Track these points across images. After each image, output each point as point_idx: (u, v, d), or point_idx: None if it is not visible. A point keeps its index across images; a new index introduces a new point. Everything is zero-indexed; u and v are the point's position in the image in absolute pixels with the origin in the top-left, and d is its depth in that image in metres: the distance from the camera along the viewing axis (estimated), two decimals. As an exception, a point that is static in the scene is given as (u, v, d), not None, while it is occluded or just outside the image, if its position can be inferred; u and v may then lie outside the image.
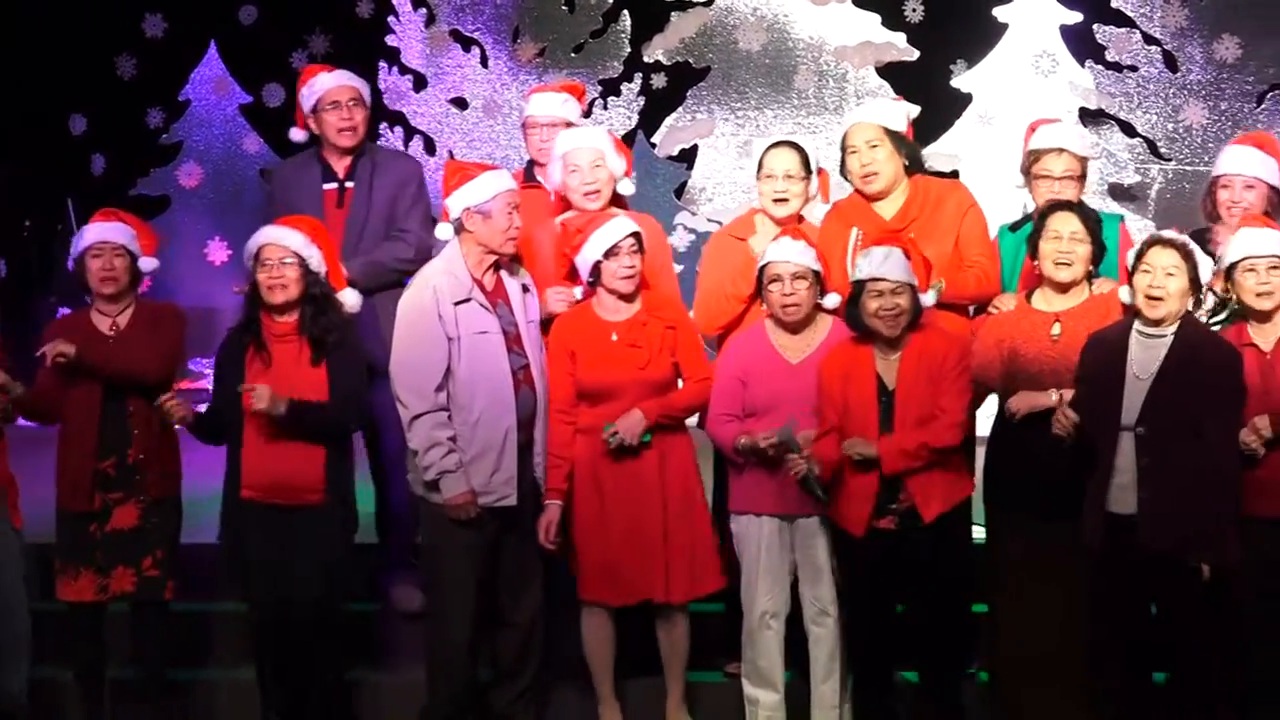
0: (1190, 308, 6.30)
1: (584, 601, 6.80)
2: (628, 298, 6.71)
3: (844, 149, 6.96)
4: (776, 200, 6.93)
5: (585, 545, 6.72)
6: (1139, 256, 6.29)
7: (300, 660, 6.71)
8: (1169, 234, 6.39)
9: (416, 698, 6.84)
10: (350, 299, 6.81)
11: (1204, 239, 6.79)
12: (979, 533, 6.83)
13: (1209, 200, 7.06)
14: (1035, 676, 6.49)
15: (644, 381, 6.66)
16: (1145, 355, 6.26)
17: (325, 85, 7.51)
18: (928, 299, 6.54)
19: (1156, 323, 6.25)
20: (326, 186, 7.53)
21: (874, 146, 6.89)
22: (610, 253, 6.62)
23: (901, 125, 6.98)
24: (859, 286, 6.47)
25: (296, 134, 7.71)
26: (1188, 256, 6.26)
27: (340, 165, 7.55)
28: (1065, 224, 6.53)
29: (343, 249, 7.09)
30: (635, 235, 6.66)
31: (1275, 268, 6.39)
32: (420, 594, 7.14)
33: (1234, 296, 6.48)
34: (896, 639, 6.64)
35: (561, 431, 6.69)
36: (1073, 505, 6.31)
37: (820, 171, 7.05)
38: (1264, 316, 6.42)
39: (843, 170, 6.99)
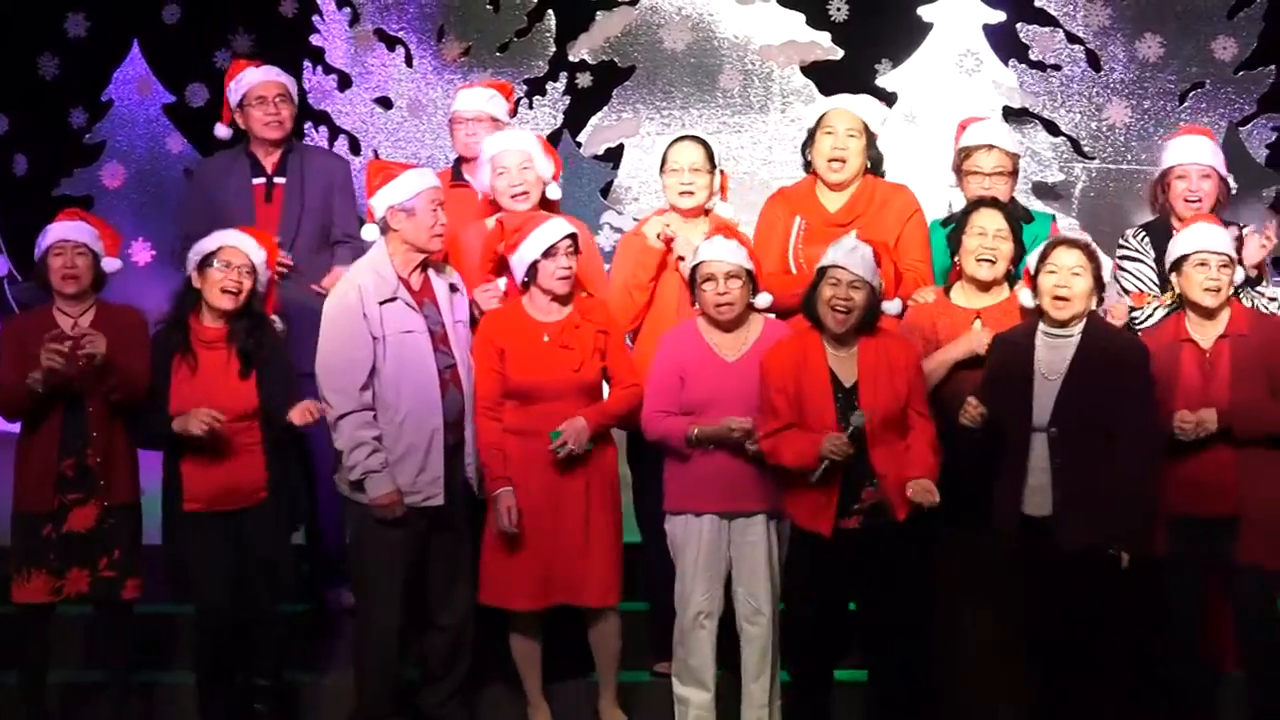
0: (1094, 305, 6.34)
1: (500, 605, 6.75)
2: (561, 299, 6.69)
3: (816, 128, 6.98)
4: (682, 193, 6.95)
5: (504, 549, 6.66)
6: (1043, 258, 6.32)
7: (247, 661, 6.73)
8: (1073, 234, 6.48)
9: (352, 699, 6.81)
10: (279, 323, 6.84)
11: (1166, 232, 6.79)
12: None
13: (1160, 191, 7.01)
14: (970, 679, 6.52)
15: (575, 384, 6.65)
16: (1053, 356, 6.29)
17: (252, 80, 7.57)
18: (890, 307, 6.53)
19: (1063, 323, 6.29)
20: (255, 181, 7.56)
21: (852, 136, 6.94)
22: (548, 253, 6.61)
23: (877, 127, 7.04)
24: (820, 273, 6.42)
25: (221, 130, 7.72)
26: (1092, 256, 6.31)
27: (269, 161, 7.57)
28: (990, 221, 6.57)
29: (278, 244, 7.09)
30: (572, 237, 6.66)
31: (1226, 266, 6.41)
32: (355, 592, 7.13)
33: (1175, 289, 6.51)
34: (842, 637, 6.61)
35: (490, 427, 6.65)
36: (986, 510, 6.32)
37: (721, 172, 7.06)
38: (1207, 313, 6.43)
39: (805, 149, 7.02)
